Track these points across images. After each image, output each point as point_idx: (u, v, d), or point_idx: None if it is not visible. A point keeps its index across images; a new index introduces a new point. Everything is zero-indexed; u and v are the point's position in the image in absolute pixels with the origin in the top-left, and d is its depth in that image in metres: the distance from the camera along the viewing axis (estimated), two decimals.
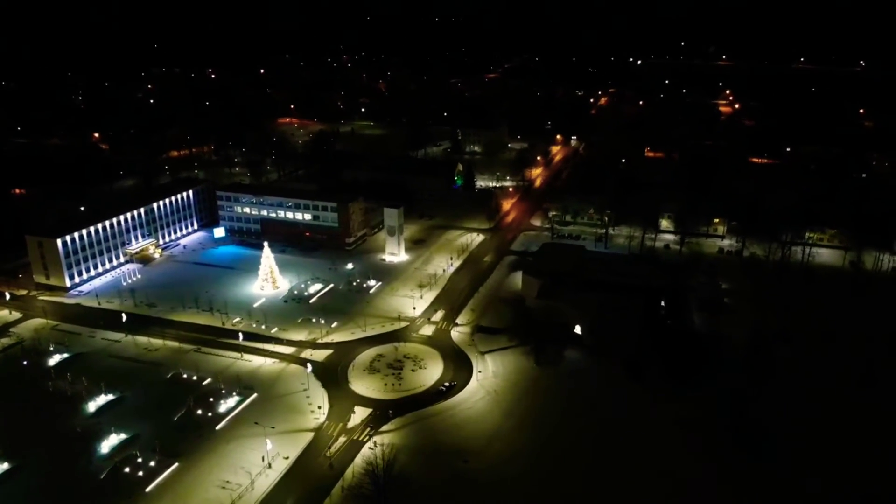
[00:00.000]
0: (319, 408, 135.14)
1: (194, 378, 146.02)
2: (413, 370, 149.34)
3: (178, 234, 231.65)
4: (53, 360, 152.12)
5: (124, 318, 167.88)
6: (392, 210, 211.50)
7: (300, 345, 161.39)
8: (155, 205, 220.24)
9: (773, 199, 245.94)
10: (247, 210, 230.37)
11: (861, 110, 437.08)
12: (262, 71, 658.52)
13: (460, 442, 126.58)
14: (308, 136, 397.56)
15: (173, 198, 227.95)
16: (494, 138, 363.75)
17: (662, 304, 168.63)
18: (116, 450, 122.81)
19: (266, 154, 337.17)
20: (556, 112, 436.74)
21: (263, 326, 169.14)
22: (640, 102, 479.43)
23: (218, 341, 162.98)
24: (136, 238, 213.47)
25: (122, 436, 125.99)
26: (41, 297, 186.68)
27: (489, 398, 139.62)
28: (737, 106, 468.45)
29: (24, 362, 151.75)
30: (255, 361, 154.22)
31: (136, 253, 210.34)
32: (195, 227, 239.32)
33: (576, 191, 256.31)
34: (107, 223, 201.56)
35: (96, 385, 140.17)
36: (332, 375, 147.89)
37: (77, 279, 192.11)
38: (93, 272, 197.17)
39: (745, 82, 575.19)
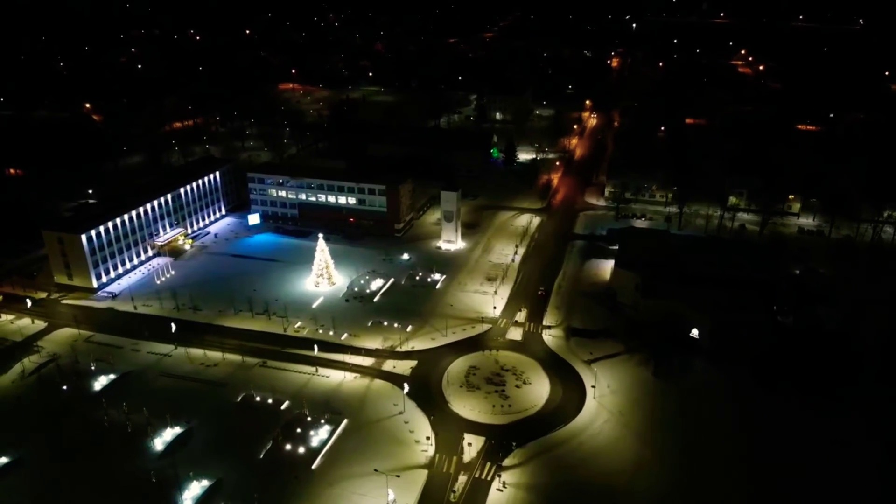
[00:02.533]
0: (428, 439, 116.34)
1: (269, 401, 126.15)
2: (517, 386, 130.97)
3: (206, 221, 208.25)
4: (99, 383, 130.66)
5: (174, 327, 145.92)
6: (450, 193, 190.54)
7: (377, 354, 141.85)
8: (182, 190, 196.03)
9: (836, 171, 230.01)
10: (282, 194, 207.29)
11: (886, 72, 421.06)
12: (247, 32, 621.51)
13: (601, 478, 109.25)
14: (318, 103, 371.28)
15: (200, 181, 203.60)
16: (520, 105, 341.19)
17: (779, 298, 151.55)
18: (201, 502, 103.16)
19: (278, 125, 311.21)
20: (573, 75, 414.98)
21: (332, 332, 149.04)
22: (660, 64, 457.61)
23: (284, 352, 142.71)
24: (164, 228, 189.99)
25: (204, 482, 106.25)
26: (65, 302, 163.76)
27: (614, 420, 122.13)
28: (760, 67, 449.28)
29: (64, 387, 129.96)
30: (333, 377, 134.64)
31: (165, 245, 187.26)
32: (223, 212, 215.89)
33: (630, 164, 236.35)
34: (133, 213, 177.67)
35: (159, 415, 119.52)
36: (425, 393, 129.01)
37: (104, 278, 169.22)
38: (120, 269, 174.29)
39: (752, 41, 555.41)
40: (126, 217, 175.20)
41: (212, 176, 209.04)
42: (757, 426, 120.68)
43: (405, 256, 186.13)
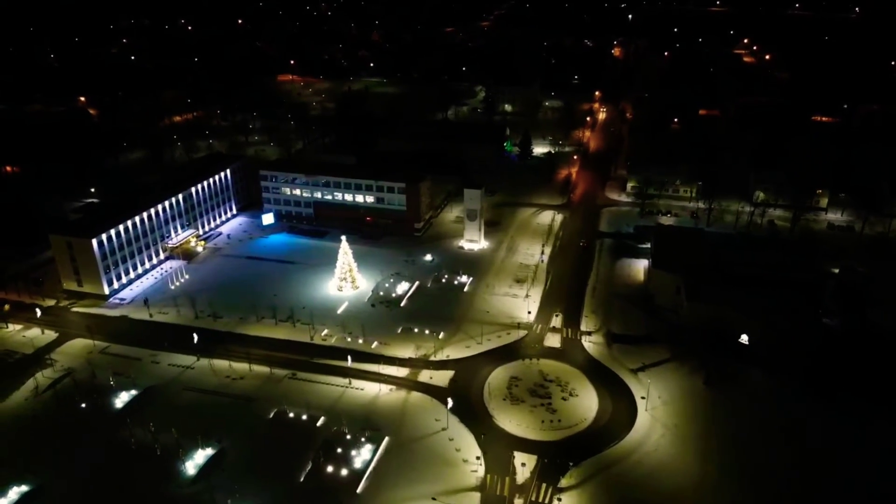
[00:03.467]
0: (479, 458, 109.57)
1: (304, 417, 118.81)
2: (564, 398, 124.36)
3: (217, 221, 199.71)
4: (120, 400, 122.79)
5: (196, 338, 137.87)
6: (474, 191, 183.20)
7: (412, 364, 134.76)
8: (193, 189, 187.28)
9: (863, 164, 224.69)
10: (296, 192, 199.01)
11: (893, 62, 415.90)
12: (239, 21, 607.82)
13: (664, 497, 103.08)
14: (321, 95, 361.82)
15: (211, 179, 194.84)
16: (529, 97, 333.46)
17: (826, 300, 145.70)
18: None
19: (282, 118, 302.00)
20: (577, 65, 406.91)
21: (361, 341, 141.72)
22: (666, 54, 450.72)
23: (313, 363, 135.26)
24: (176, 230, 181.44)
25: None
26: (75, 310, 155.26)
27: (670, 435, 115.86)
28: (766, 57, 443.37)
29: (83, 404, 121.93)
30: (368, 389, 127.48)
31: (177, 247, 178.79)
32: (234, 212, 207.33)
33: (651, 158, 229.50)
34: (144, 215, 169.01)
35: (188, 434, 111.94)
36: (466, 407, 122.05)
37: (116, 284, 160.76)
38: (132, 274, 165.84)
39: (753, 29, 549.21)
40: (137, 219, 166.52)
41: (222, 174, 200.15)
42: (818, 440, 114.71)
43: (428, 257, 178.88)
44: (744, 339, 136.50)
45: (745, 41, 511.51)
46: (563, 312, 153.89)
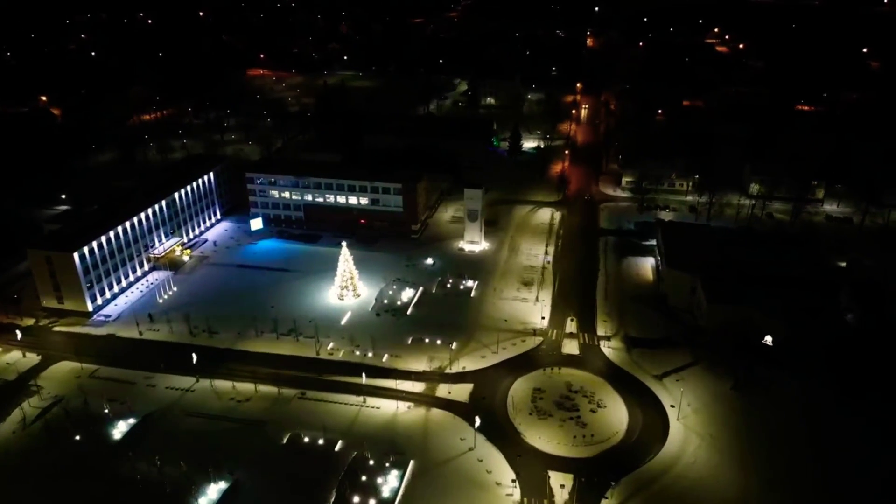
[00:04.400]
0: (514, 481, 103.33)
1: (320, 441, 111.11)
2: (592, 410, 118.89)
3: (202, 227, 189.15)
4: (118, 430, 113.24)
5: (195, 358, 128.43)
6: (475, 191, 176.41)
7: (427, 378, 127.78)
8: (176, 194, 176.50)
9: (855, 154, 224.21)
10: (285, 195, 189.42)
11: (864, 49, 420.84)
12: (200, 14, 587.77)
13: None
14: (296, 90, 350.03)
15: (194, 183, 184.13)
16: (511, 90, 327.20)
17: (846, 296, 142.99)
18: None
19: (258, 115, 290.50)
20: (553, 56, 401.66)
21: (370, 354, 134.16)
22: (641, 44, 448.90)
23: (322, 380, 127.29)
24: (159, 238, 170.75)
25: None
26: (57, 329, 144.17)
27: (707, 445, 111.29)
28: (740, 46, 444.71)
29: (77, 436, 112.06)
30: (384, 407, 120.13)
31: (161, 257, 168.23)
32: (218, 216, 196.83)
33: (646, 152, 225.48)
34: (127, 224, 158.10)
35: (198, 466, 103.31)
36: (491, 423, 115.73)
37: (99, 300, 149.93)
38: (115, 288, 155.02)
39: (722, 18, 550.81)
40: (119, 229, 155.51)
41: (205, 177, 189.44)
42: (864, 445, 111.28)
43: (429, 261, 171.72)
44: (768, 340, 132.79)
45: (716, 30, 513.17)
46: (577, 316, 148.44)
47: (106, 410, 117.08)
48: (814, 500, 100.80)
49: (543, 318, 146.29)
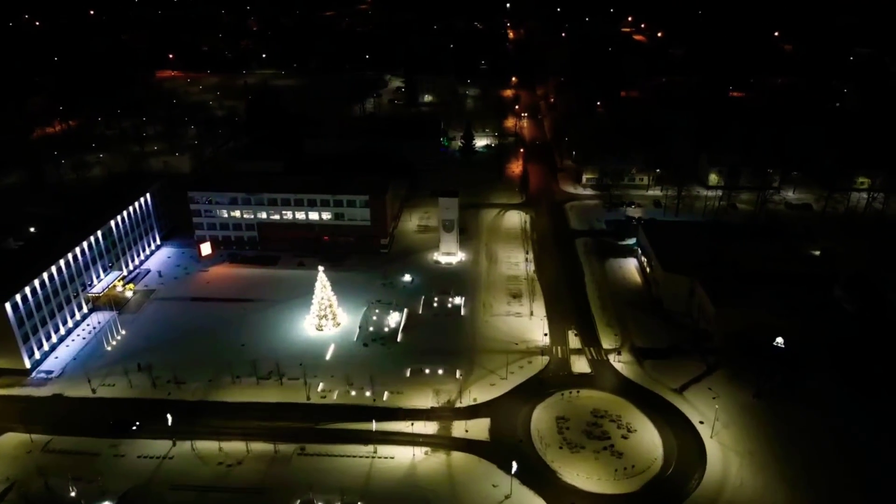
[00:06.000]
0: None
1: None
2: (624, 437, 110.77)
3: (141, 256, 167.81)
4: None
5: (170, 419, 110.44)
6: (450, 199, 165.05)
7: (438, 415, 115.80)
8: (112, 222, 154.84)
9: (795, 141, 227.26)
10: (235, 213, 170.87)
11: (776, 33, 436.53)
12: (91, 13, 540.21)
13: None
14: (216, 93, 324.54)
15: (130, 207, 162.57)
16: (446, 85, 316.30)
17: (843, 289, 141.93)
18: None
19: (179, 122, 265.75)
20: (478, 49, 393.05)
21: (368, 393, 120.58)
22: (563, 35, 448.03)
23: (321, 429, 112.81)
24: (98, 274, 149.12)
25: None
26: None
27: (749, 464, 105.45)
28: (658, 35, 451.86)
29: None
30: (399, 456, 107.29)
31: (102, 296, 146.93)
32: (158, 242, 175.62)
33: (604, 147, 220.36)
34: (62, 262, 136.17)
35: None
36: (520, 461, 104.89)
37: (37, 353, 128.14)
38: (54, 338, 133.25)
39: (634, 6, 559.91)
40: (54, 268, 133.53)
41: (142, 199, 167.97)
42: (887, 445, 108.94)
43: (407, 278, 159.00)
44: (779, 342, 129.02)
45: (629, 19, 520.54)
46: (578, 329, 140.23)
47: (73, 493, 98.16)
48: None
49: (546, 334, 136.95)
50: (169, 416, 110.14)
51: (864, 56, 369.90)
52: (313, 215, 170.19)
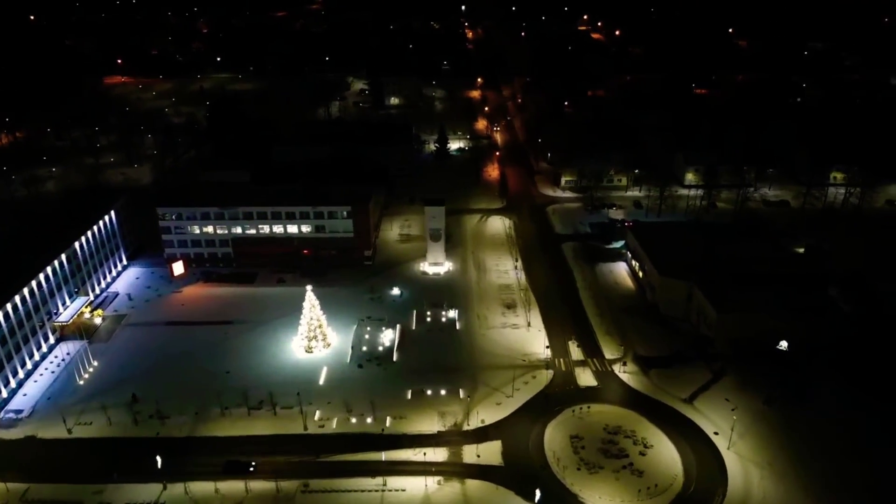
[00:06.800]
0: None
1: None
2: (641, 453, 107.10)
3: (108, 278, 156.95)
4: None
5: (160, 461, 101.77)
6: (437, 208, 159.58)
7: (445, 440, 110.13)
8: (77, 244, 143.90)
9: (767, 137, 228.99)
10: (208, 229, 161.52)
11: (730, 30, 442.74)
12: (31, 18, 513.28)
13: None
14: (171, 99, 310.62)
15: (95, 227, 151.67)
16: (411, 87, 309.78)
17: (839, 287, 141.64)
18: None
19: (133, 131, 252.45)
20: (438, 50, 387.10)
21: (370, 420, 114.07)
22: (522, 34, 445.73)
23: (323, 462, 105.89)
24: (63, 301, 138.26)
25: None
26: None
27: (770, 476, 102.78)
28: (616, 33, 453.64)
29: None
30: (410, 487, 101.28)
31: (69, 324, 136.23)
32: (124, 262, 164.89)
33: (583, 148, 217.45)
34: (25, 290, 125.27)
35: None
36: (536, 486, 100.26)
37: (4, 392, 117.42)
38: (21, 373, 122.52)
39: (589, 5, 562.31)
40: (18, 298, 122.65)
41: (106, 217, 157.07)
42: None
43: (395, 291, 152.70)
44: (783, 345, 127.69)
45: (585, 17, 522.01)
46: (577, 339, 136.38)
47: None
48: None
49: (548, 346, 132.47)
50: (158, 458, 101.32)
51: (819, 50, 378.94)
52: (292, 228, 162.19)
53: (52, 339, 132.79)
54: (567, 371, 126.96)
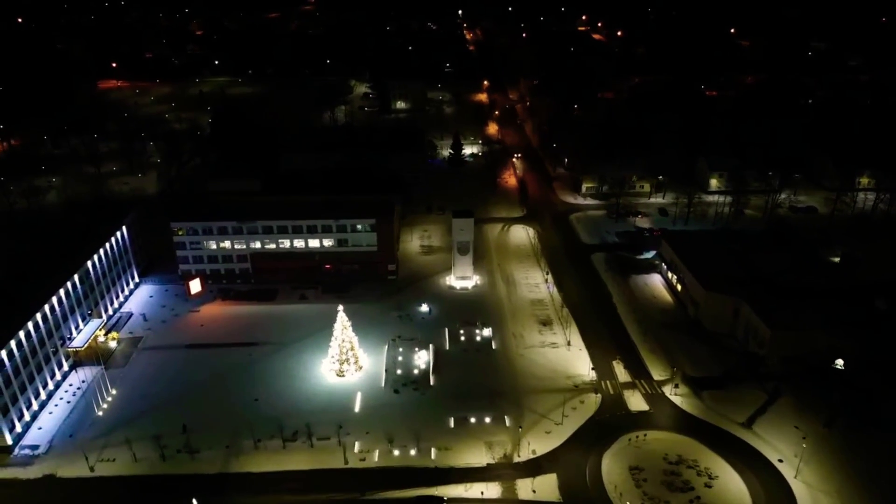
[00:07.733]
0: None
1: None
2: (707, 485, 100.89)
3: (120, 298, 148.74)
4: None
5: None
6: (466, 220, 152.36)
7: (496, 473, 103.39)
8: (89, 262, 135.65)
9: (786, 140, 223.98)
10: (225, 244, 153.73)
11: (732, 30, 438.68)
12: (19, 20, 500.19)
13: None
14: (171, 104, 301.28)
15: (107, 244, 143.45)
16: (417, 90, 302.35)
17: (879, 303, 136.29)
18: None
19: (133, 138, 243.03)
20: (439, 52, 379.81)
21: (413, 452, 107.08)
22: (524, 35, 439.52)
23: (369, 501, 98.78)
24: (76, 324, 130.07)
25: None
26: None
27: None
28: (619, 34, 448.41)
29: None
30: None
31: (84, 349, 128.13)
32: (136, 280, 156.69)
33: (603, 153, 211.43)
34: (38, 315, 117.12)
35: None
36: None
37: (18, 426, 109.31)
38: (35, 405, 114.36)
39: (588, 5, 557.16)
40: (31, 324, 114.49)
41: (118, 234, 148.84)
42: None
43: (424, 308, 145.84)
44: (839, 363, 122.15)
45: (584, 18, 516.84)
46: (621, 359, 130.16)
47: None
48: None
49: (592, 368, 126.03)
50: (195, 501, 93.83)
51: (822, 51, 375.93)
52: (314, 242, 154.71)
53: (65, 366, 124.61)
54: (615, 394, 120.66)
